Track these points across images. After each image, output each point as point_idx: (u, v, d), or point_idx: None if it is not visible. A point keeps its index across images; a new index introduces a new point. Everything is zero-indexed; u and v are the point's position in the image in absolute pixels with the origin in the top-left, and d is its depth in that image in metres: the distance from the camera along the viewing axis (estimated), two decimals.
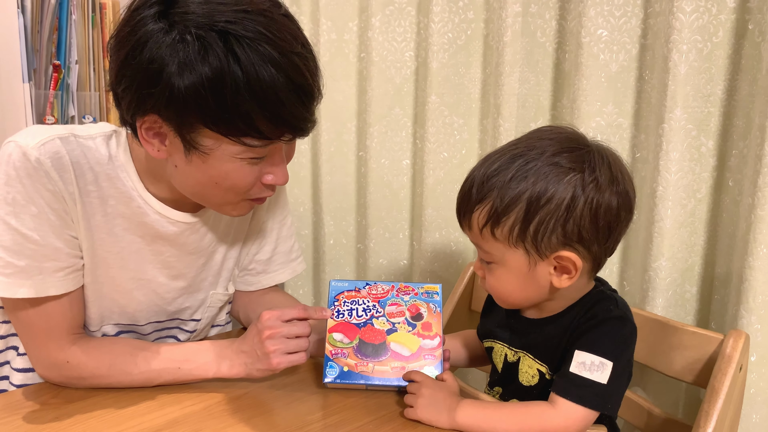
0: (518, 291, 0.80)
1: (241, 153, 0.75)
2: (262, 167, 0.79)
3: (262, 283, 1.05)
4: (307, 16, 1.53)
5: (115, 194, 0.85)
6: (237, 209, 0.85)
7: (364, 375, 0.84)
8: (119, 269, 0.88)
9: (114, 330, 0.93)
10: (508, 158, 0.76)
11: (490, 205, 0.76)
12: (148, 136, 0.77)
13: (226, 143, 0.74)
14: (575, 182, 0.73)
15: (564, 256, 0.75)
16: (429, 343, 0.86)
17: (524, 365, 0.83)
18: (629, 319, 0.79)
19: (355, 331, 0.86)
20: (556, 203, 0.73)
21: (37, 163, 0.77)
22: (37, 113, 1.59)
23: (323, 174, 1.56)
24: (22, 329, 0.85)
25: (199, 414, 0.81)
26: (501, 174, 0.75)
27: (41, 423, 0.78)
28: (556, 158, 0.74)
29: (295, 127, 0.76)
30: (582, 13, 1.07)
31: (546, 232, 0.74)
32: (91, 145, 0.83)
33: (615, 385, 0.75)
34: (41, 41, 1.60)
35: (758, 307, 0.93)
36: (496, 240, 0.77)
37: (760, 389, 0.96)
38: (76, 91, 1.67)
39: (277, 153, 0.80)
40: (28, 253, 0.79)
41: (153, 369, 0.85)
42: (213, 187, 0.79)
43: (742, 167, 0.98)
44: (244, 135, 0.73)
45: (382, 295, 0.89)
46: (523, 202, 0.74)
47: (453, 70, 1.31)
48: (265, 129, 0.73)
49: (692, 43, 0.97)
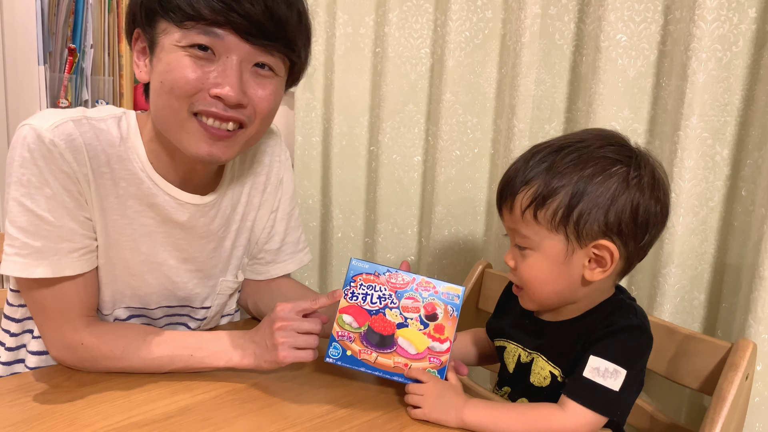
0: (550, 282, 0.79)
1: (181, 39, 0.77)
2: (211, 74, 0.78)
3: (270, 273, 1.07)
4: (323, 9, 1.53)
5: (127, 176, 0.86)
6: (191, 134, 0.80)
7: (366, 363, 0.84)
8: (131, 251, 0.89)
9: (125, 314, 0.93)
10: (557, 146, 0.78)
11: (536, 188, 0.77)
12: (139, 60, 0.84)
13: (172, 29, 0.78)
14: (621, 174, 0.75)
15: (603, 245, 0.76)
16: (438, 346, 0.84)
17: (537, 366, 0.84)
18: (647, 329, 0.79)
19: (366, 318, 0.84)
20: (602, 191, 0.75)
21: (51, 145, 0.78)
22: (51, 96, 1.60)
23: (334, 167, 1.56)
24: (38, 311, 0.86)
25: (209, 402, 0.81)
26: (549, 158, 0.77)
27: (54, 405, 0.78)
28: (603, 150, 0.77)
29: (232, 11, 0.75)
30: (602, 17, 1.07)
31: (588, 219, 0.75)
32: (103, 127, 0.84)
33: (626, 393, 0.76)
34: (57, 24, 1.60)
35: (766, 316, 0.93)
36: (538, 223, 0.77)
37: (765, 398, 0.97)
38: (91, 75, 1.67)
39: (230, 62, 0.78)
40: (44, 234, 0.80)
41: (166, 354, 0.86)
42: (161, 91, 0.79)
43: (756, 177, 0.98)
44: (181, 12, 0.76)
45: (401, 286, 0.85)
46: (569, 187, 0.75)
47: (469, 69, 1.31)
48: (200, 5, 0.75)
49: (712, 52, 0.97)
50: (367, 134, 1.53)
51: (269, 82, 0.82)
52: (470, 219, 1.39)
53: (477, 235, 1.39)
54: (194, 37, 0.77)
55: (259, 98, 0.82)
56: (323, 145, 1.61)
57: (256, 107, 0.82)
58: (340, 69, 1.52)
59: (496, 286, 1.17)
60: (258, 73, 0.81)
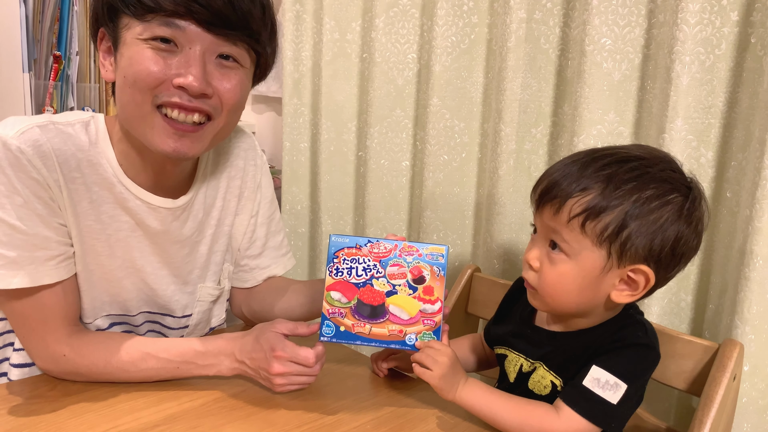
0: (575, 292, 0.77)
1: (143, 32, 0.77)
2: (173, 65, 0.78)
3: (256, 279, 1.06)
4: (310, 15, 1.53)
5: (98, 180, 0.84)
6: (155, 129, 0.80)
7: (361, 336, 0.83)
8: (108, 257, 0.88)
9: (106, 322, 0.92)
10: (619, 158, 0.74)
11: (591, 197, 0.73)
12: (104, 60, 0.83)
13: (133, 23, 0.77)
14: (677, 204, 0.73)
15: (641, 270, 0.74)
16: (429, 307, 0.83)
17: (538, 375, 0.83)
18: (655, 347, 0.78)
19: (354, 291, 0.83)
20: (655, 217, 0.72)
21: (18, 152, 0.76)
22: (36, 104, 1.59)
23: (322, 173, 1.56)
24: (19, 323, 0.84)
25: (196, 410, 0.81)
26: (609, 169, 0.73)
27: (38, 415, 0.77)
28: (665, 174, 0.74)
29: (174, 1, 0.75)
30: (586, 21, 1.08)
31: (636, 241, 0.72)
32: (70, 131, 0.83)
33: (624, 408, 0.75)
34: (42, 32, 1.59)
35: (753, 317, 0.94)
36: (584, 233, 0.74)
37: (752, 399, 0.97)
38: (76, 82, 1.66)
39: (192, 56, 0.78)
40: (18, 244, 0.78)
41: (151, 367, 0.84)
42: (125, 86, 0.79)
43: (741, 179, 0.99)
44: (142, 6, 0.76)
45: (383, 255, 0.84)
46: (626, 205, 0.72)
47: (455, 74, 1.31)
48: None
49: (695, 55, 0.98)
50: (355, 139, 1.53)
51: (234, 73, 0.82)
52: (458, 223, 1.39)
53: (465, 240, 1.39)
54: (155, 30, 0.76)
55: (225, 89, 0.81)
56: (311, 150, 1.61)
57: (222, 98, 0.81)
58: (327, 75, 1.52)
59: (485, 290, 1.17)
60: (222, 64, 0.81)
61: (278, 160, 1.79)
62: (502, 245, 1.26)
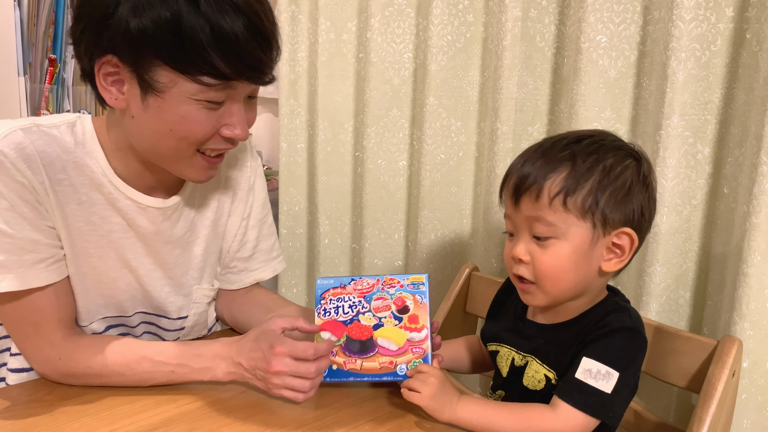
0: (573, 270, 0.78)
1: (197, 93, 0.75)
2: (220, 117, 0.79)
3: (244, 281, 1.05)
4: (305, 15, 1.53)
5: (86, 182, 0.84)
6: (193, 167, 0.83)
7: (354, 372, 0.84)
8: (99, 258, 0.87)
9: (102, 325, 0.92)
10: (574, 138, 0.80)
11: (565, 174, 0.76)
12: (106, 83, 0.78)
13: (182, 81, 0.75)
14: (633, 168, 0.79)
15: (625, 233, 0.77)
16: (416, 335, 0.84)
17: (531, 370, 0.83)
18: (641, 331, 0.79)
19: (342, 329, 0.86)
20: (623, 181, 0.77)
21: (2, 156, 0.76)
22: (32, 107, 1.59)
23: (319, 174, 1.56)
24: (13, 327, 0.84)
25: (194, 413, 0.81)
26: (570, 149, 0.78)
27: (35, 419, 0.77)
28: (619, 142, 0.81)
29: (252, 68, 0.77)
30: (582, 18, 1.08)
31: (614, 206, 0.76)
32: (55, 133, 0.82)
33: (619, 396, 0.75)
34: (37, 35, 1.59)
35: (751, 313, 0.93)
36: (567, 211, 0.76)
37: (752, 395, 0.97)
38: (72, 85, 1.66)
39: (236, 103, 0.80)
40: (6, 248, 0.78)
41: (146, 370, 0.84)
42: (168, 136, 0.78)
43: (738, 175, 0.99)
44: (200, 72, 0.74)
45: (367, 290, 0.87)
46: (598, 173, 0.76)
47: (451, 73, 1.31)
48: (221, 66, 0.74)
49: (690, 51, 0.98)
50: (352, 140, 1.53)
51: (255, 102, 0.86)
52: (456, 222, 1.39)
53: (463, 239, 1.39)
54: (213, 95, 0.77)
55: (250, 121, 0.85)
56: (308, 151, 1.60)
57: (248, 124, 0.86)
58: (323, 75, 1.51)
59: (483, 288, 1.17)
60: (248, 101, 0.84)
61: (275, 161, 1.79)
62: (500, 244, 1.26)
